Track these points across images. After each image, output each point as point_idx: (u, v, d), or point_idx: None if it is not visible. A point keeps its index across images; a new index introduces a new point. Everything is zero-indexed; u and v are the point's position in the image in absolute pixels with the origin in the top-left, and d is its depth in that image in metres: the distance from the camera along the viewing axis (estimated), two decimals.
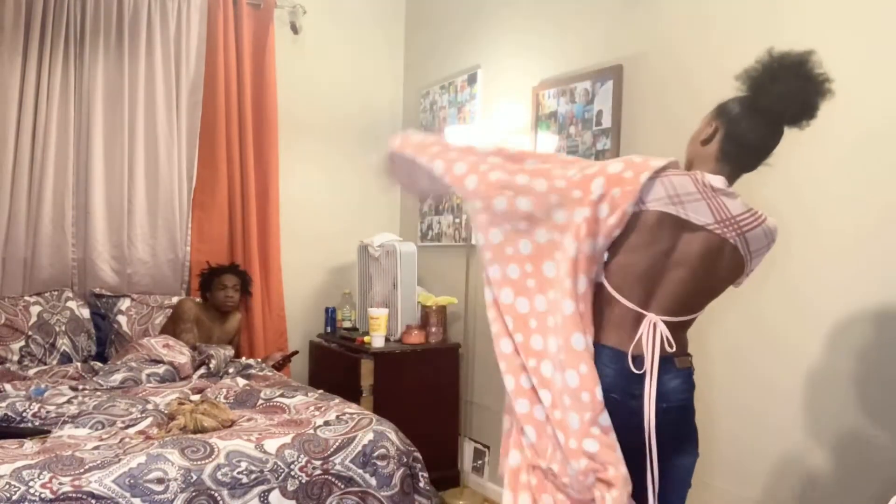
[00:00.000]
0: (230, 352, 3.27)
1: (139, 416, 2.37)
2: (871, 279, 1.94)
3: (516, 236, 1.61)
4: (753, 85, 1.60)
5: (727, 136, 1.59)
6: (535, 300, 1.61)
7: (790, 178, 2.13)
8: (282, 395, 2.65)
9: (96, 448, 2.03)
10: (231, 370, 3.17)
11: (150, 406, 2.48)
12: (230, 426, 2.29)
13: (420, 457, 2.32)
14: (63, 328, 3.27)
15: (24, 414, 2.30)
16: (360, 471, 2.17)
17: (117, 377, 2.84)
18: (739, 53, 2.30)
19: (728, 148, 1.59)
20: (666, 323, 1.56)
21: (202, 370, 3.09)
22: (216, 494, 1.95)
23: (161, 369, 2.95)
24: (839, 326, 2.01)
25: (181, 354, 3.08)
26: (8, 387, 2.65)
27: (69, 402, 2.46)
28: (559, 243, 1.58)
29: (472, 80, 3.67)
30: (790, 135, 1.60)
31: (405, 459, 2.27)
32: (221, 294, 3.43)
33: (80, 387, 2.76)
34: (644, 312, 1.55)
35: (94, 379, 2.87)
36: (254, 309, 3.79)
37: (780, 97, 1.55)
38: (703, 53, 2.42)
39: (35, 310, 3.25)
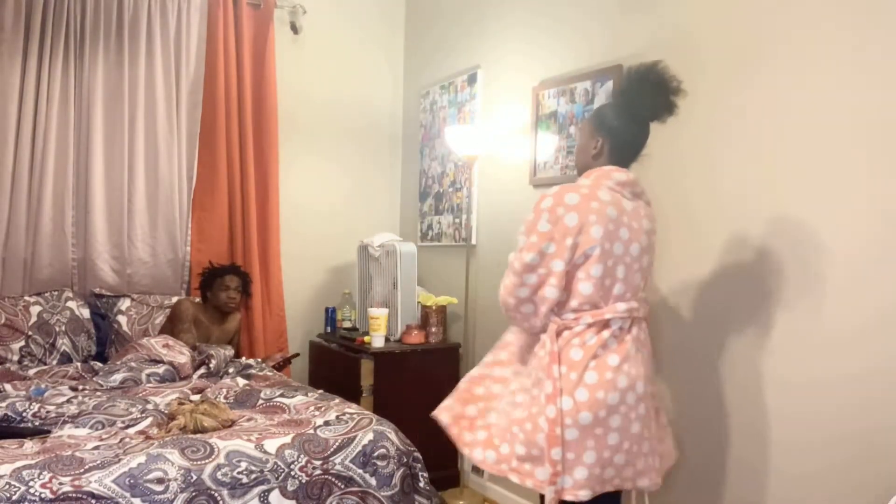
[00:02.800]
0: (230, 352, 3.27)
1: (139, 416, 2.36)
2: (869, 277, 1.94)
3: None
4: (622, 96, 1.99)
5: (613, 145, 1.98)
6: None
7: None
8: (282, 395, 2.65)
9: (96, 448, 2.03)
10: (231, 370, 3.16)
11: (150, 406, 2.48)
12: (230, 426, 2.29)
13: (420, 457, 2.32)
14: (63, 328, 3.27)
15: (24, 414, 2.30)
16: (360, 471, 2.17)
17: (117, 377, 2.84)
18: (739, 53, 2.30)
19: (617, 154, 1.99)
20: None
21: (202, 370, 3.08)
22: (216, 494, 1.94)
23: (161, 369, 2.95)
24: (839, 326, 2.01)
25: (181, 354, 3.08)
26: (8, 387, 2.65)
27: (69, 401, 2.46)
28: None
29: (472, 80, 3.67)
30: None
31: (405, 459, 2.27)
32: (223, 295, 3.43)
33: (80, 387, 2.76)
34: None
35: (94, 379, 2.87)
36: (254, 309, 3.79)
37: (645, 102, 1.94)
38: (703, 53, 2.42)
39: (35, 310, 3.25)
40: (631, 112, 1.97)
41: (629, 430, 1.86)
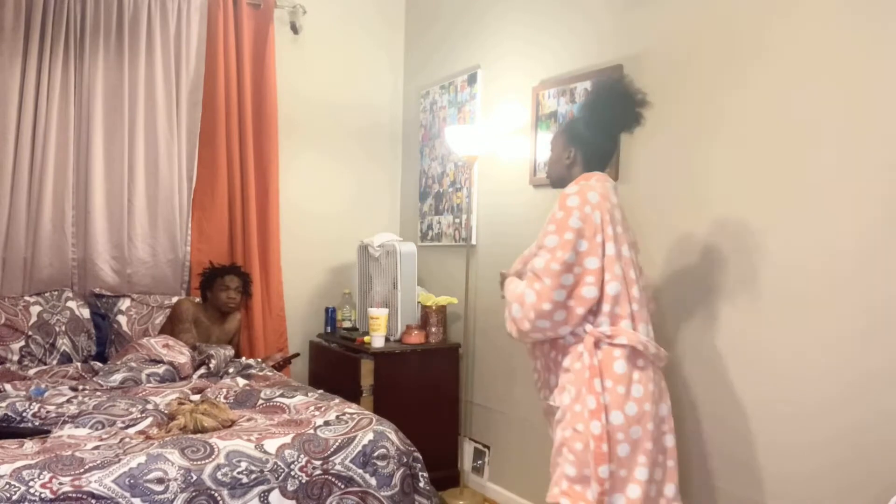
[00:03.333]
0: (230, 352, 3.27)
1: (139, 416, 2.36)
2: (867, 275, 1.94)
3: None
4: (592, 109, 2.07)
5: (585, 155, 2.09)
6: None
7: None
8: (282, 395, 2.65)
9: (96, 448, 2.03)
10: (231, 370, 3.16)
11: (150, 406, 2.48)
12: (230, 426, 2.29)
13: (420, 457, 2.32)
14: (63, 328, 3.27)
15: (24, 414, 2.30)
16: (360, 471, 2.17)
17: (117, 377, 2.84)
18: (739, 53, 2.30)
19: (588, 163, 2.09)
20: None
21: (202, 370, 3.08)
22: (216, 494, 1.94)
23: (161, 369, 2.95)
24: (838, 325, 2.01)
25: (181, 354, 3.08)
26: (8, 387, 2.65)
27: (69, 401, 2.46)
28: None
29: (472, 80, 3.67)
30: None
31: (405, 459, 2.27)
32: (224, 295, 3.43)
33: (80, 387, 2.76)
34: None
35: (94, 379, 2.87)
36: (254, 309, 3.79)
37: (615, 114, 2.04)
38: (703, 53, 2.42)
39: (35, 310, 3.25)
40: (601, 124, 2.07)
41: (664, 444, 1.89)
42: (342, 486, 2.13)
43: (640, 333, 1.92)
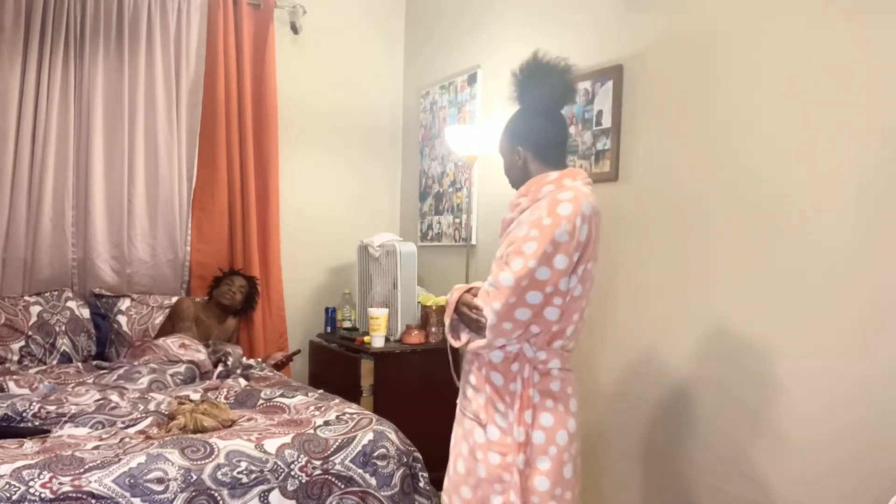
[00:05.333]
0: (240, 350, 3.29)
1: (139, 416, 2.37)
2: (867, 274, 1.94)
3: None
4: (522, 97, 1.91)
5: (536, 149, 1.89)
6: None
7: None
8: (282, 395, 2.65)
9: (96, 448, 2.03)
10: (238, 370, 3.17)
11: (150, 406, 2.48)
12: (230, 426, 2.29)
13: (420, 457, 2.32)
14: (63, 328, 3.27)
15: (25, 414, 2.30)
16: (360, 471, 2.17)
17: (144, 381, 2.79)
18: (739, 53, 2.30)
19: (543, 156, 1.89)
20: None
21: (220, 368, 3.09)
22: (216, 494, 1.94)
23: (182, 368, 2.94)
24: (839, 325, 2.01)
25: (198, 352, 3.09)
26: (11, 384, 2.63)
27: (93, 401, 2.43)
28: None
29: (472, 80, 3.67)
30: None
31: (405, 459, 2.27)
32: (225, 288, 3.50)
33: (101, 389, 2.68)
34: None
35: (118, 382, 2.78)
36: (254, 309, 3.79)
37: (544, 94, 1.88)
38: (703, 53, 2.42)
39: (35, 310, 3.25)
40: (534, 110, 1.91)
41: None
42: (342, 486, 2.13)
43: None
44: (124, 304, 3.48)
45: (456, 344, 1.94)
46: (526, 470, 1.79)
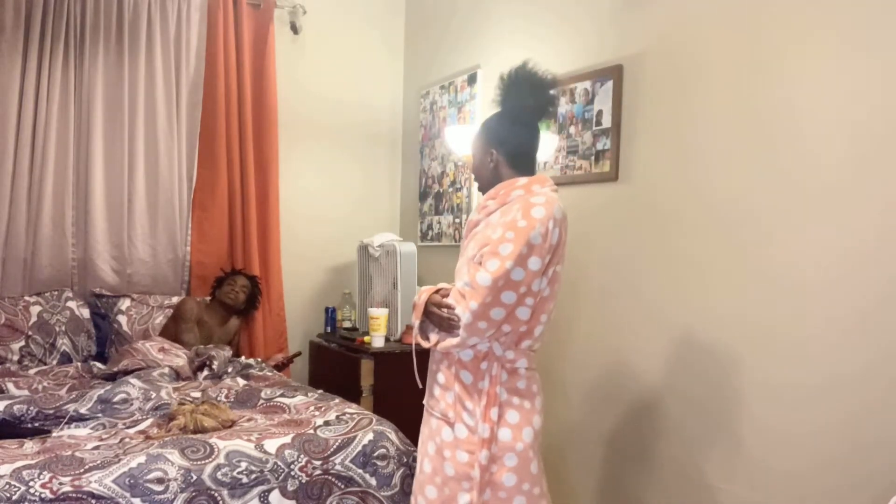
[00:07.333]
0: (229, 352, 3.27)
1: (139, 416, 2.37)
2: (867, 272, 1.94)
3: None
4: (502, 104, 1.98)
5: (508, 154, 1.95)
6: None
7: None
8: (282, 395, 2.65)
9: (96, 448, 2.03)
10: (231, 370, 3.16)
11: (162, 393, 2.48)
12: (230, 426, 2.29)
13: None
14: (63, 328, 3.27)
15: (23, 418, 2.30)
16: (360, 471, 2.18)
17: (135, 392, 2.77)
18: (739, 52, 2.30)
19: (513, 161, 1.95)
20: None
21: (206, 372, 3.08)
22: (216, 494, 1.95)
23: (167, 370, 2.93)
24: (841, 326, 2.01)
25: (177, 357, 3.07)
26: (10, 385, 2.62)
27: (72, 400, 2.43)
28: None
29: (472, 80, 3.67)
30: None
31: (405, 459, 2.27)
32: (228, 288, 3.50)
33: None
34: None
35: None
36: None
37: (526, 104, 1.94)
38: (703, 53, 2.41)
39: (35, 310, 3.25)
40: (514, 117, 1.98)
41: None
42: (342, 486, 2.14)
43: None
44: (124, 304, 3.48)
45: (425, 344, 1.97)
46: (492, 466, 1.83)
